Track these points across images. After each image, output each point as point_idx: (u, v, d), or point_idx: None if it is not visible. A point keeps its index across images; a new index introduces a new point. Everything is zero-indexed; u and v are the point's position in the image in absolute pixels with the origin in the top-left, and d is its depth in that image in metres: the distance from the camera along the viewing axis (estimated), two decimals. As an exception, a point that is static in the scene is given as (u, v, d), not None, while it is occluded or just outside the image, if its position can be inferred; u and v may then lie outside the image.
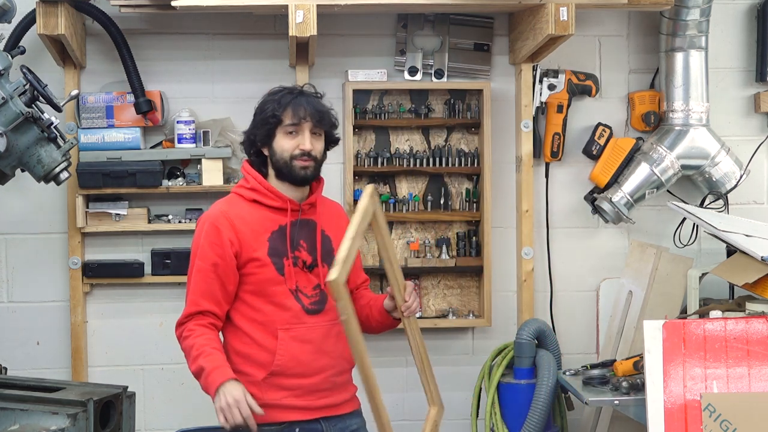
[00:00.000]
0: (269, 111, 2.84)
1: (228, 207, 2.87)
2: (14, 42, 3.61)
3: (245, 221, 2.83)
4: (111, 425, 3.01)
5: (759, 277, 3.22)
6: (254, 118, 2.91)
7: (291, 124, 2.83)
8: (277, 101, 2.84)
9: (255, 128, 2.89)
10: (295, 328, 2.83)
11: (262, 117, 2.86)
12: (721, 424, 2.96)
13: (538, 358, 3.67)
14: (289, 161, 2.84)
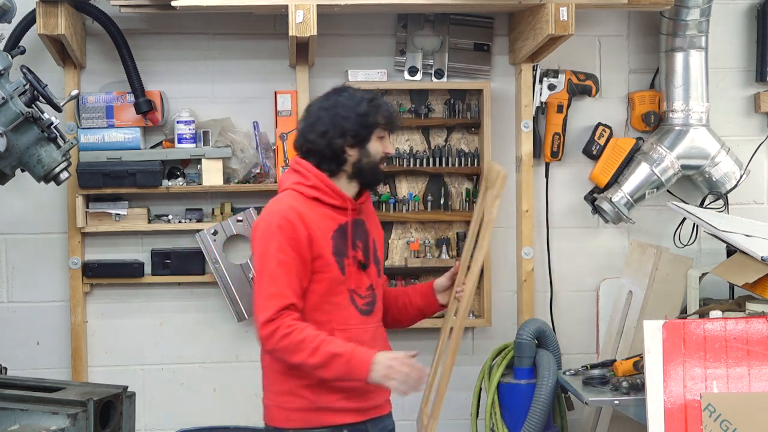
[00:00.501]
0: (372, 114, 2.84)
1: (294, 202, 2.82)
2: (14, 42, 3.61)
3: (311, 218, 2.80)
4: (111, 425, 3.01)
5: (759, 277, 3.22)
6: (344, 120, 2.82)
7: (385, 128, 2.88)
8: (376, 106, 2.86)
9: (351, 129, 2.83)
10: (351, 329, 2.82)
11: (362, 120, 2.83)
12: (721, 424, 2.97)
13: (538, 358, 3.67)
14: (377, 164, 2.89)
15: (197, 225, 3.83)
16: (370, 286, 2.90)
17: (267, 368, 2.87)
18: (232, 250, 3.85)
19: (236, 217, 3.82)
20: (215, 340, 3.92)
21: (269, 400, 2.86)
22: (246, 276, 3.82)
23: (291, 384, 2.79)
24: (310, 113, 2.89)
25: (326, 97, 2.89)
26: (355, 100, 2.85)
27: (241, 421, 3.89)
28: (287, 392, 2.81)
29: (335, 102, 2.85)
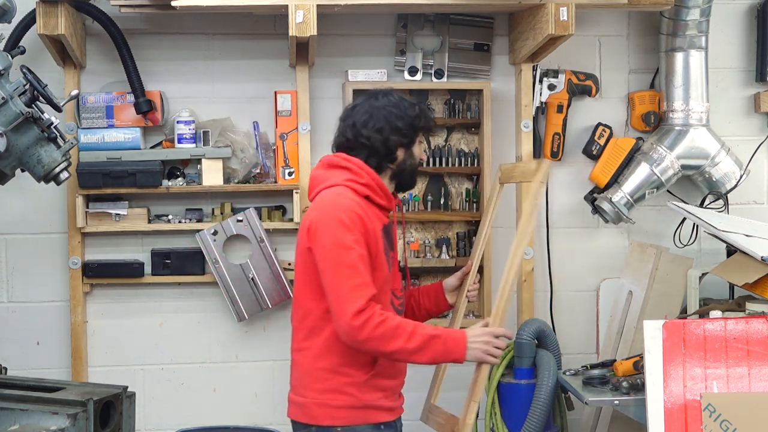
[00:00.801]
0: (421, 118, 2.94)
1: (354, 197, 2.83)
2: (14, 42, 3.61)
3: (368, 215, 2.83)
4: (111, 425, 3.01)
5: (759, 277, 3.22)
6: (398, 119, 2.89)
7: (425, 134, 3.04)
8: (423, 110, 2.96)
9: (404, 128, 2.90)
10: None
11: (413, 122, 2.91)
12: (721, 424, 2.96)
13: (538, 358, 3.67)
14: (416, 167, 2.99)
15: (197, 225, 3.83)
16: (403, 287, 3.01)
17: (307, 366, 2.85)
18: (232, 250, 3.85)
19: (236, 217, 3.82)
20: (215, 340, 3.92)
21: (309, 398, 2.84)
22: (246, 276, 3.82)
23: (338, 381, 2.80)
24: (360, 111, 2.92)
25: (375, 97, 2.94)
26: (405, 102, 2.95)
27: (241, 421, 3.89)
28: (334, 390, 2.81)
29: (387, 102, 2.92)
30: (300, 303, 2.90)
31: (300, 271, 2.88)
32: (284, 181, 3.83)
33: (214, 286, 3.86)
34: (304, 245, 2.83)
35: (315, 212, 2.82)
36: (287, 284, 3.83)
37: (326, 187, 2.86)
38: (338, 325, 2.74)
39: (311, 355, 2.84)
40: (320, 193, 2.87)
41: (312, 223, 2.80)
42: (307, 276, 2.84)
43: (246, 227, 3.81)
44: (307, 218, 2.85)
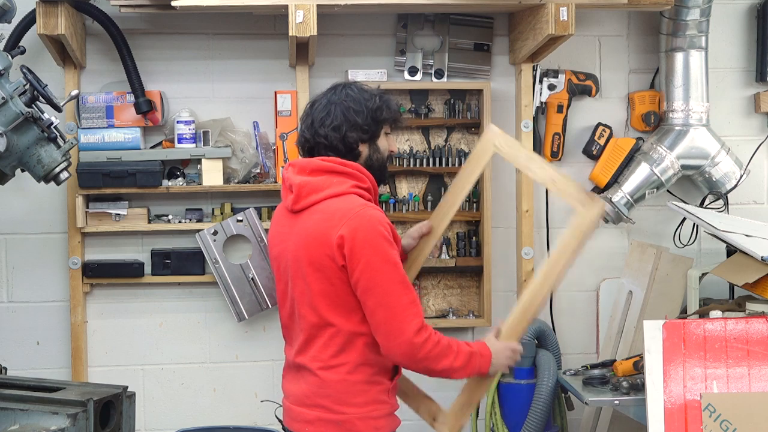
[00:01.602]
0: (383, 109, 2.76)
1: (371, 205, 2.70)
2: (14, 42, 3.61)
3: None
4: (111, 425, 3.01)
5: (759, 277, 3.22)
6: (356, 114, 2.72)
7: (392, 125, 2.82)
8: (385, 101, 2.79)
9: (364, 123, 2.73)
10: None
11: (374, 114, 2.74)
12: (721, 424, 2.97)
13: (538, 358, 3.67)
14: (385, 161, 2.82)
15: (197, 225, 3.83)
16: None
17: (343, 382, 2.69)
18: (232, 250, 3.85)
19: (236, 217, 3.82)
20: (215, 340, 3.92)
21: (349, 413, 2.69)
22: (246, 276, 3.82)
23: (374, 391, 2.71)
24: (318, 107, 2.75)
25: (334, 91, 2.77)
26: (365, 94, 2.77)
27: (241, 421, 3.89)
28: (373, 401, 2.71)
29: (345, 96, 2.75)
30: (322, 319, 2.68)
31: (320, 287, 2.66)
32: (284, 181, 3.82)
33: (214, 286, 3.86)
34: (328, 260, 2.63)
35: (345, 226, 2.60)
36: (287, 284, 3.83)
37: (332, 195, 2.68)
38: (394, 344, 2.60)
39: (345, 370, 2.68)
40: (324, 203, 2.67)
41: (347, 239, 2.60)
42: (332, 292, 2.65)
43: (246, 227, 3.82)
44: (329, 231, 2.62)
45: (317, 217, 2.66)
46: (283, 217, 2.80)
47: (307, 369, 2.72)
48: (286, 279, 2.75)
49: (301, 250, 2.67)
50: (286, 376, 2.84)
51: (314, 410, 2.70)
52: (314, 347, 2.70)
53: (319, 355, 2.70)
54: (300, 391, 2.74)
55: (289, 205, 2.73)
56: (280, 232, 2.79)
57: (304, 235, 2.67)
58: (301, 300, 2.71)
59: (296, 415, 2.75)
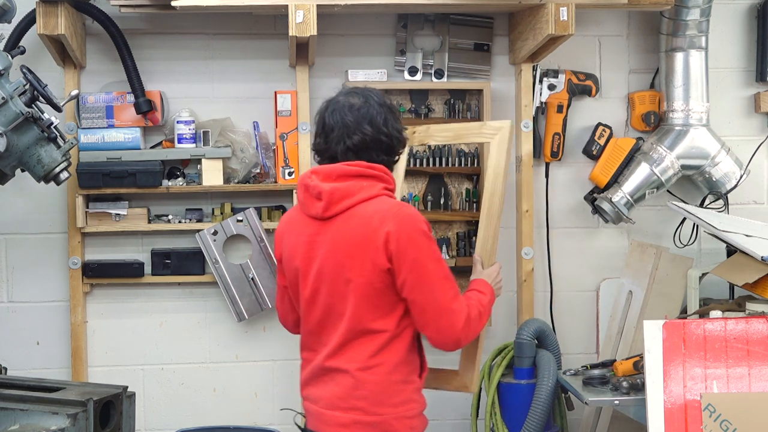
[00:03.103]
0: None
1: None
2: (14, 42, 3.61)
3: None
4: (111, 425, 3.01)
5: (759, 277, 3.22)
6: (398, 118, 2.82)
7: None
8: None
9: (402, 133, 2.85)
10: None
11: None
12: (721, 424, 2.96)
13: (538, 358, 3.67)
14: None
15: (197, 225, 3.83)
16: None
17: (380, 383, 2.71)
18: (232, 250, 3.85)
19: (236, 217, 3.82)
20: (215, 340, 3.92)
21: (386, 414, 2.71)
22: (246, 276, 3.82)
23: (408, 390, 2.74)
24: (365, 110, 2.74)
25: (374, 93, 2.79)
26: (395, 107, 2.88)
27: (241, 421, 3.89)
28: (408, 400, 2.74)
29: (385, 99, 2.81)
30: (362, 322, 2.69)
31: (361, 290, 2.67)
32: (284, 181, 3.83)
33: (214, 286, 3.86)
34: (370, 263, 2.65)
35: (387, 228, 2.63)
36: (287, 284, 3.83)
37: (364, 199, 2.69)
38: (445, 337, 2.69)
39: (384, 371, 2.70)
40: (358, 207, 2.69)
41: (391, 240, 2.63)
42: (373, 294, 2.68)
43: (246, 227, 3.82)
44: (371, 234, 2.64)
45: (354, 221, 2.68)
46: (303, 225, 2.79)
47: (342, 371, 2.72)
48: (317, 286, 2.74)
49: (340, 255, 2.69)
50: (311, 381, 2.81)
51: (349, 413, 2.70)
52: (351, 349, 2.71)
53: (356, 357, 2.70)
54: (332, 395, 2.73)
55: (319, 212, 2.72)
56: (303, 241, 2.77)
57: (342, 240, 2.69)
58: (338, 304, 2.71)
59: (329, 418, 2.73)
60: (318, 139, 2.81)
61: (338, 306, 2.71)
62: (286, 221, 2.89)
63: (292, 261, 2.81)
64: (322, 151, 2.80)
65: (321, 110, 2.81)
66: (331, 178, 2.72)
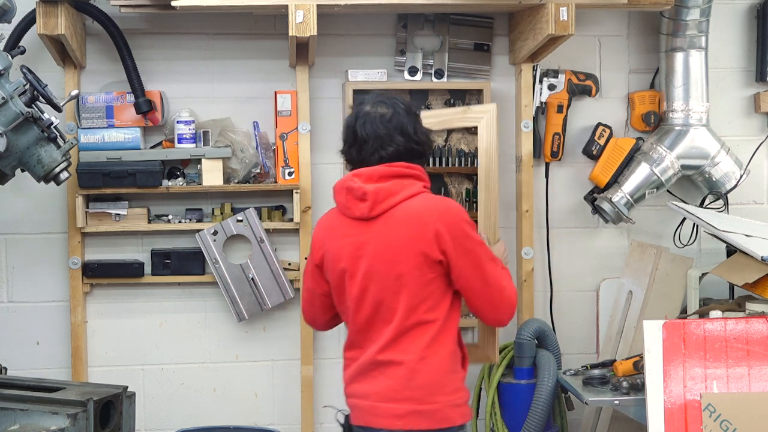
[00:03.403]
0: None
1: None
2: (14, 42, 3.61)
3: None
4: (111, 425, 3.01)
5: (759, 277, 3.22)
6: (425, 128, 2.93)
7: None
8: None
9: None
10: None
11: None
12: (721, 424, 2.97)
13: (538, 358, 3.67)
14: None
15: (197, 225, 3.83)
16: None
17: (435, 372, 2.78)
18: (232, 250, 3.85)
19: (236, 217, 3.82)
20: (215, 340, 3.92)
21: (441, 402, 2.77)
22: (246, 276, 3.82)
23: (457, 379, 2.83)
24: (397, 118, 2.84)
25: (400, 101, 2.89)
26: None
27: (241, 421, 3.89)
28: (458, 389, 2.83)
29: (410, 105, 2.91)
30: (415, 314, 2.77)
31: (415, 283, 2.76)
32: (284, 181, 3.83)
33: (214, 286, 3.86)
34: (422, 256, 2.75)
35: (437, 222, 2.75)
36: (287, 284, 3.83)
37: (408, 197, 2.79)
38: (500, 313, 2.86)
39: (437, 360, 2.78)
40: (402, 205, 2.79)
41: (443, 233, 2.74)
42: (426, 287, 2.77)
43: (246, 227, 3.82)
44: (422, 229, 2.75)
45: (401, 218, 2.77)
46: (346, 227, 2.85)
47: (396, 363, 2.78)
48: (366, 284, 2.80)
49: (390, 252, 2.77)
50: (358, 378, 2.85)
51: (405, 404, 2.76)
52: (405, 341, 2.78)
53: (411, 348, 2.77)
54: (385, 388, 2.79)
55: (365, 212, 2.79)
56: (347, 243, 2.83)
57: (390, 237, 2.77)
58: (389, 299, 2.78)
59: (383, 411, 2.79)
60: (350, 149, 2.89)
61: (389, 301, 2.78)
62: (326, 227, 2.94)
63: (337, 263, 2.86)
64: (356, 161, 2.89)
65: (350, 121, 2.89)
66: (373, 179, 2.81)
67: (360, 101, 2.94)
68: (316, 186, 3.88)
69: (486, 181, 3.40)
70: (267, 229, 3.83)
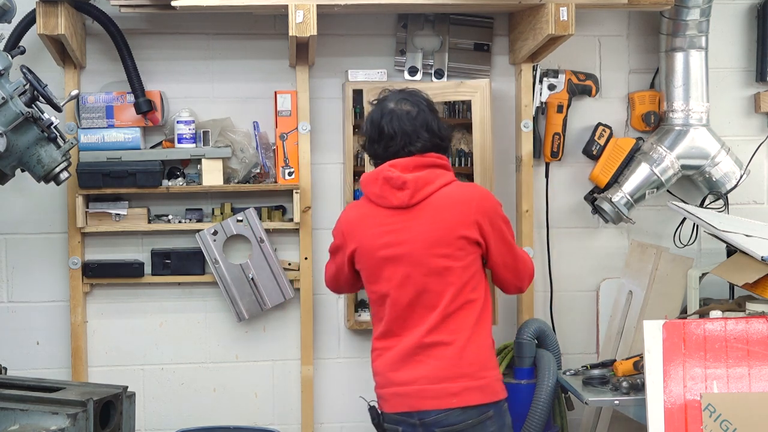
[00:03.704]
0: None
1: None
2: (14, 42, 3.61)
3: None
4: (111, 425, 3.01)
5: (759, 277, 3.22)
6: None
7: None
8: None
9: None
10: None
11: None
12: (721, 424, 2.96)
13: (538, 358, 3.67)
14: None
15: (197, 225, 3.83)
16: None
17: (481, 348, 2.96)
18: (232, 250, 3.85)
19: (236, 217, 3.82)
20: (215, 340, 3.92)
21: (490, 377, 2.96)
22: (246, 276, 3.82)
23: (495, 354, 3.06)
24: (422, 115, 3.01)
25: (421, 98, 3.05)
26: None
27: (241, 421, 3.89)
28: (498, 364, 3.07)
29: (431, 101, 3.09)
30: (461, 295, 2.94)
31: (459, 264, 2.93)
32: (284, 181, 3.83)
33: (214, 286, 3.86)
34: (463, 240, 2.93)
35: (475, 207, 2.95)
36: (287, 284, 3.83)
37: (443, 185, 2.97)
38: (526, 283, 3.13)
39: (483, 337, 2.96)
40: (440, 192, 2.95)
41: (481, 216, 2.95)
42: (468, 268, 2.95)
43: (246, 227, 3.82)
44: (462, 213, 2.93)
45: (441, 204, 2.94)
46: (382, 216, 2.98)
47: (444, 344, 2.91)
48: (408, 270, 2.93)
49: (433, 236, 2.92)
50: (398, 365, 2.95)
51: (459, 381, 2.90)
52: (453, 321, 2.92)
53: (460, 327, 2.92)
54: (435, 369, 2.91)
55: (405, 200, 2.94)
56: (386, 231, 2.96)
57: (432, 222, 2.93)
58: (433, 283, 2.92)
59: (434, 392, 2.91)
60: (375, 145, 3.04)
61: (434, 285, 2.92)
62: (356, 218, 3.05)
63: (374, 252, 2.98)
64: (382, 156, 3.03)
65: (375, 118, 3.03)
66: (409, 169, 2.96)
67: (382, 98, 3.08)
68: (316, 186, 3.89)
69: (481, 154, 3.66)
70: (267, 229, 3.83)
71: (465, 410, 2.90)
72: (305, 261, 3.86)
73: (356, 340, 3.95)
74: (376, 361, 3.01)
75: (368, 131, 3.06)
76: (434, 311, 2.92)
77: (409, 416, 2.92)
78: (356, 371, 3.92)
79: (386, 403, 2.98)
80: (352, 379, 3.93)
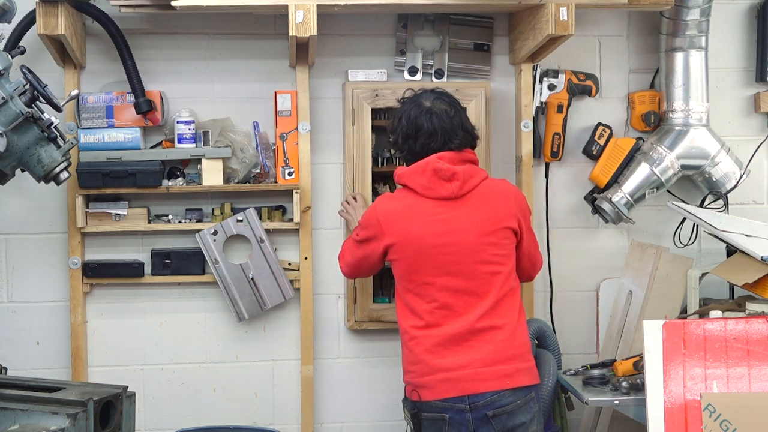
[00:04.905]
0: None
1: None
2: (14, 42, 3.61)
3: None
4: (111, 425, 3.01)
5: (759, 277, 3.22)
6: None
7: None
8: None
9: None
10: None
11: None
12: (721, 424, 2.97)
13: (539, 358, 3.66)
14: None
15: (197, 225, 3.83)
16: None
17: (526, 332, 3.16)
18: (232, 250, 3.85)
19: (236, 217, 3.82)
20: (215, 340, 3.92)
21: (532, 361, 3.16)
22: (246, 276, 3.82)
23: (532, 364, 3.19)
24: (453, 112, 3.19)
25: (453, 99, 3.26)
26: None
27: (241, 421, 3.89)
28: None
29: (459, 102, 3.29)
30: (508, 280, 3.12)
31: (504, 251, 3.12)
32: (284, 181, 3.83)
33: (214, 286, 3.86)
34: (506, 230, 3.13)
35: (513, 199, 3.19)
36: (287, 284, 3.83)
37: (484, 178, 3.17)
38: (537, 271, 3.37)
39: (524, 322, 3.17)
40: (483, 184, 3.15)
41: (518, 208, 3.18)
42: (512, 259, 3.17)
43: (246, 227, 3.82)
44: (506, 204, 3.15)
45: (487, 196, 3.14)
46: (429, 207, 3.11)
47: (496, 328, 3.07)
48: (458, 258, 3.07)
49: (483, 225, 3.10)
50: (445, 351, 3.05)
51: (511, 363, 3.06)
52: (503, 306, 3.09)
53: (508, 312, 3.10)
54: (487, 353, 3.04)
55: (455, 191, 3.10)
56: (433, 221, 3.09)
57: (481, 212, 3.11)
58: (482, 269, 3.08)
59: (489, 374, 3.02)
60: (410, 141, 3.18)
61: (483, 272, 3.08)
62: (399, 210, 3.15)
63: (420, 240, 3.09)
64: (418, 153, 3.18)
65: (412, 115, 3.18)
66: (455, 162, 3.14)
67: (412, 96, 3.26)
68: (316, 186, 3.89)
69: (481, 153, 3.71)
70: (267, 229, 3.83)
71: (514, 391, 3.03)
72: (305, 261, 3.86)
73: (356, 340, 3.95)
74: (416, 348, 3.07)
75: (404, 128, 3.18)
76: (485, 297, 3.06)
77: (459, 401, 2.99)
78: (356, 371, 3.93)
79: (429, 390, 3.03)
80: (352, 379, 3.93)
